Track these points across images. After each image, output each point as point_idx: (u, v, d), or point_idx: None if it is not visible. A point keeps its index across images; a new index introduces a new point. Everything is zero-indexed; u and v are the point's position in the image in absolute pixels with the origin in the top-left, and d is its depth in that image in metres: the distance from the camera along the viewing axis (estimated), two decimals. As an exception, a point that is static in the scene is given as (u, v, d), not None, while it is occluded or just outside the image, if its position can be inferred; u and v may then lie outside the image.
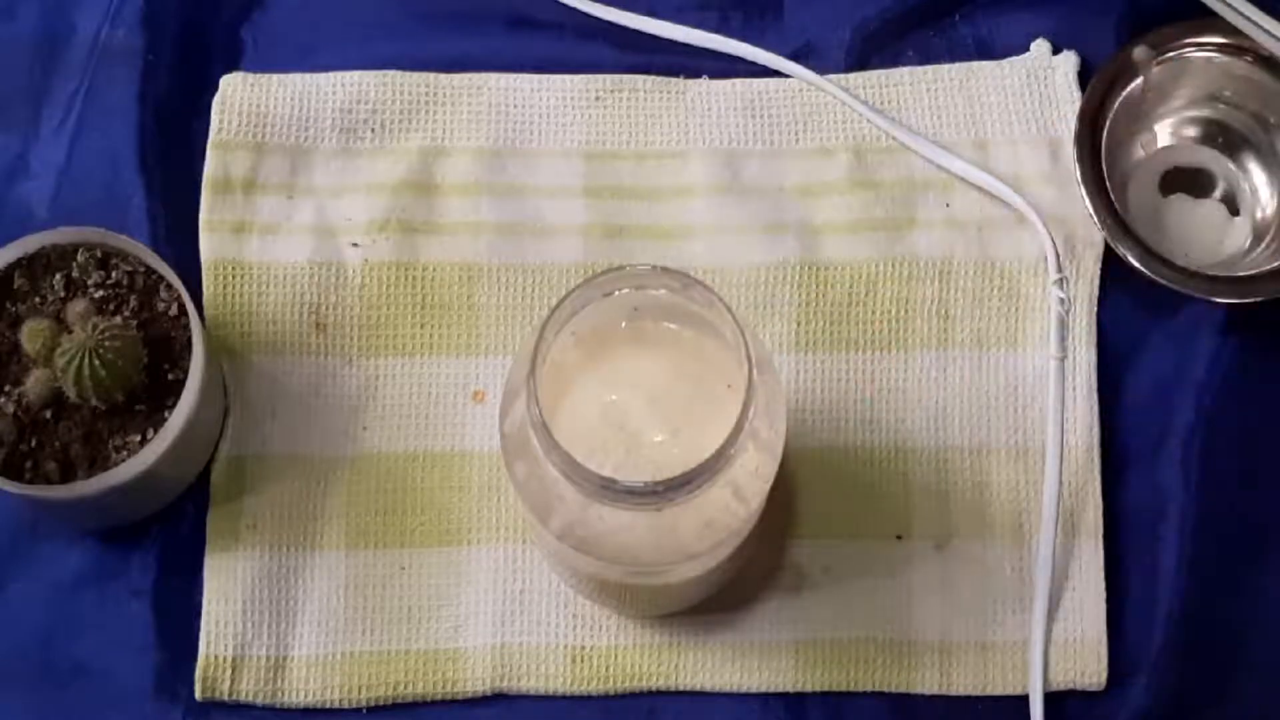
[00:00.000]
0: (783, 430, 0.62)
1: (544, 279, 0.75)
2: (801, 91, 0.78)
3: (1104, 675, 0.71)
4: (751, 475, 0.61)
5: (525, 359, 0.59)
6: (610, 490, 0.58)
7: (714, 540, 0.62)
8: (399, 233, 0.75)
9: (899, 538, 0.72)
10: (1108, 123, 0.75)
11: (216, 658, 0.70)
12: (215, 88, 0.77)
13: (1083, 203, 0.74)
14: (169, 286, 0.70)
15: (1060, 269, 0.73)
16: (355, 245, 0.75)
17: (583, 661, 0.71)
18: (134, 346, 0.67)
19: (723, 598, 0.71)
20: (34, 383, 0.68)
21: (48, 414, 0.68)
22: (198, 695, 0.70)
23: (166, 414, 0.67)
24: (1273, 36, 0.74)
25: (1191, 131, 0.78)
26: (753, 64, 0.78)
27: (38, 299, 0.69)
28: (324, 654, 0.71)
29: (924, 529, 0.72)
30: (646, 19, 0.79)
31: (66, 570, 0.72)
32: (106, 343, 0.66)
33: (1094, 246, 0.75)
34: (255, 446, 0.73)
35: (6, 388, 0.68)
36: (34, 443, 0.68)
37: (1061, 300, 0.72)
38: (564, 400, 0.62)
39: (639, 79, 0.78)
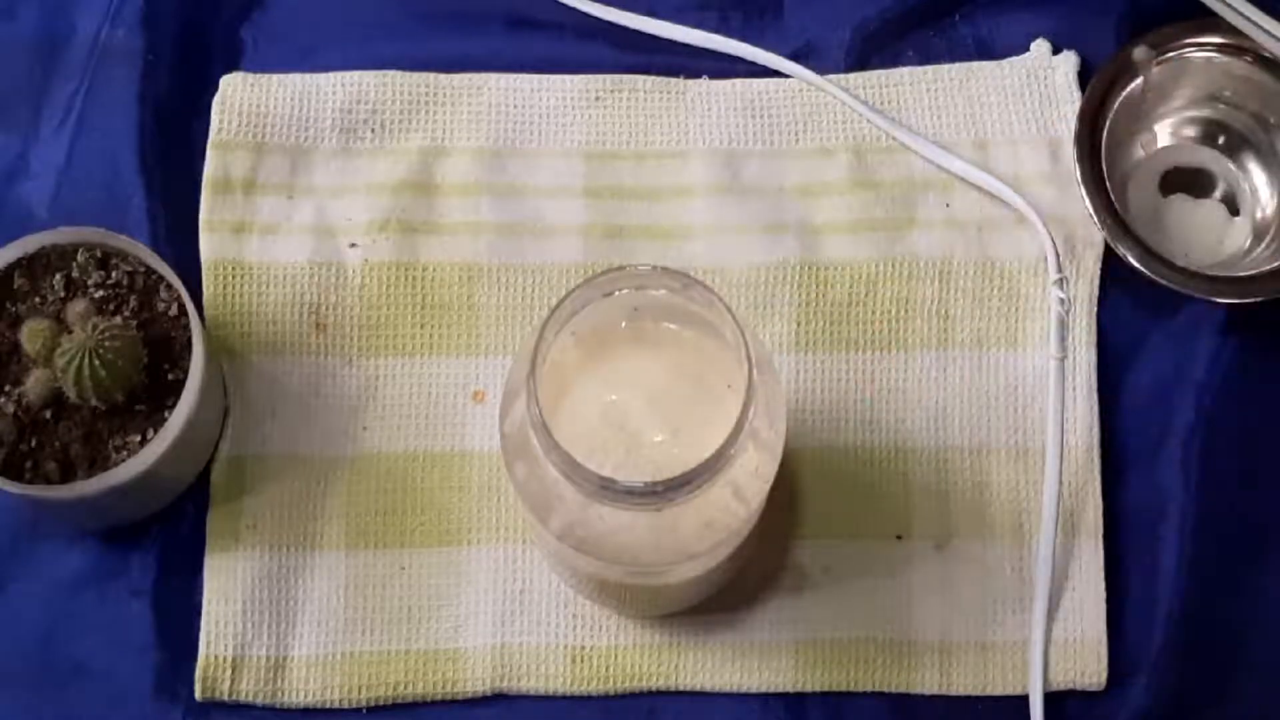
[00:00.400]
0: (783, 430, 0.62)
1: (544, 279, 0.75)
2: (801, 91, 0.78)
3: (1104, 675, 0.71)
4: (751, 475, 0.61)
5: (525, 359, 0.59)
6: (610, 490, 0.58)
7: (714, 540, 0.62)
8: (399, 233, 0.75)
9: (899, 538, 0.72)
10: (1108, 123, 0.75)
11: (216, 658, 0.70)
12: (215, 88, 0.77)
13: (1083, 203, 0.74)
14: (169, 286, 0.70)
15: (1060, 269, 0.73)
16: (355, 245, 0.75)
17: (583, 661, 0.71)
18: (134, 346, 0.67)
19: (723, 598, 0.71)
20: (34, 383, 0.68)
21: (48, 414, 0.68)
22: (198, 695, 0.70)
23: (166, 414, 0.67)
24: (1273, 36, 0.74)
25: (1191, 131, 0.78)
26: (753, 64, 0.78)
27: (38, 299, 0.69)
28: (324, 654, 0.71)
29: (924, 529, 0.72)
30: (646, 19, 0.79)
31: (66, 570, 0.72)
32: (106, 343, 0.66)
33: (1094, 246, 0.75)
34: (255, 446, 0.73)
35: (6, 388, 0.68)
36: (34, 443, 0.68)
37: (1061, 300, 0.72)
38: (564, 400, 0.62)
39: (639, 79, 0.78)
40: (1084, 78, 0.77)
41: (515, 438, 0.61)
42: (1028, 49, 0.78)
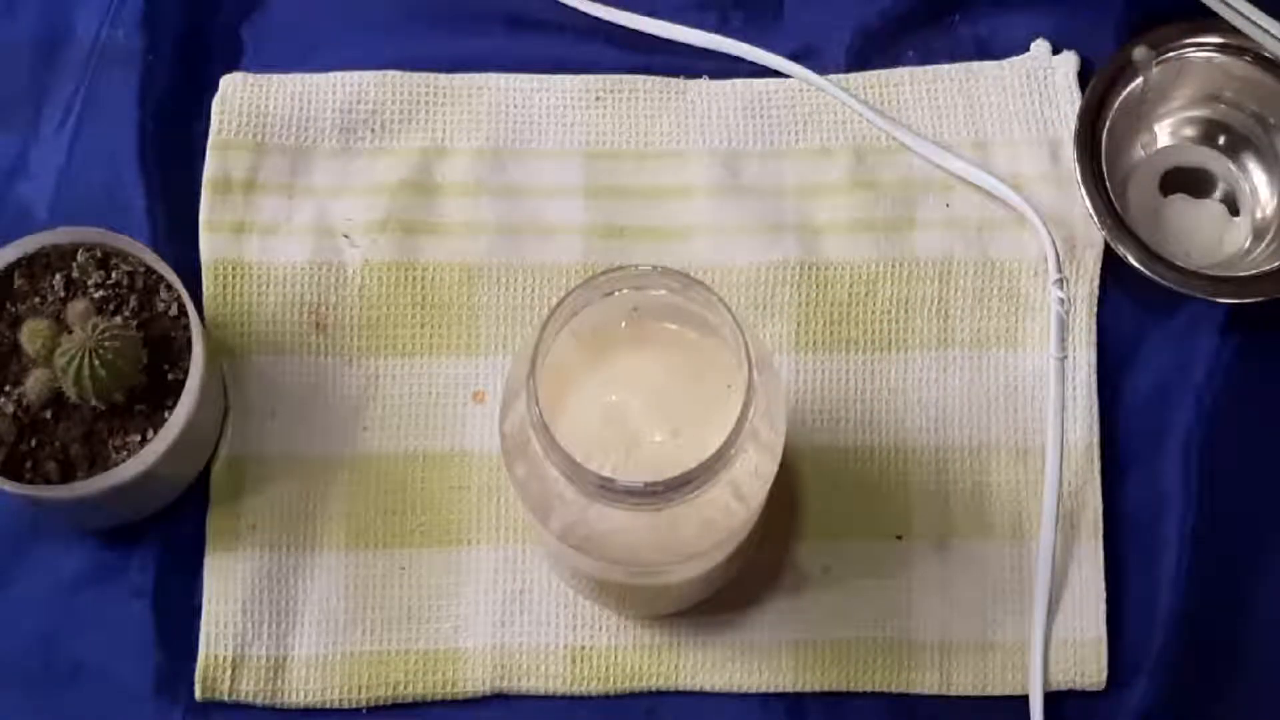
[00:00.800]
0: (783, 430, 0.62)
1: (544, 279, 0.75)
2: (801, 91, 0.78)
3: (1104, 675, 0.71)
4: (751, 475, 0.61)
5: (525, 359, 0.59)
6: (609, 490, 0.58)
7: (714, 540, 0.62)
8: (399, 233, 0.75)
9: (899, 538, 0.72)
10: (1108, 123, 0.75)
11: (216, 658, 0.70)
12: (215, 88, 0.77)
13: (1083, 203, 0.74)
14: (169, 286, 0.70)
15: (1060, 269, 0.73)
16: (355, 245, 0.75)
17: (582, 661, 0.71)
18: (134, 346, 0.67)
19: (723, 598, 0.71)
20: (34, 383, 0.68)
21: (48, 414, 0.68)
22: (198, 695, 0.70)
23: (166, 414, 0.67)
24: (1272, 36, 0.74)
25: (1191, 131, 0.78)
26: (753, 64, 0.78)
27: (38, 299, 0.69)
28: (324, 654, 0.71)
29: (924, 529, 0.72)
30: (646, 19, 0.79)
31: (66, 570, 0.72)
32: (106, 343, 0.66)
33: (1094, 246, 0.75)
34: (255, 447, 0.73)
35: (6, 388, 0.68)
36: (34, 443, 0.68)
37: (1061, 300, 0.72)
38: (564, 400, 0.62)
39: (639, 79, 0.78)
40: (1084, 78, 0.77)
41: (515, 438, 0.61)
42: (1028, 49, 0.78)
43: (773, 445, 0.62)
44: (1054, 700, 0.71)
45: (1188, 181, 0.77)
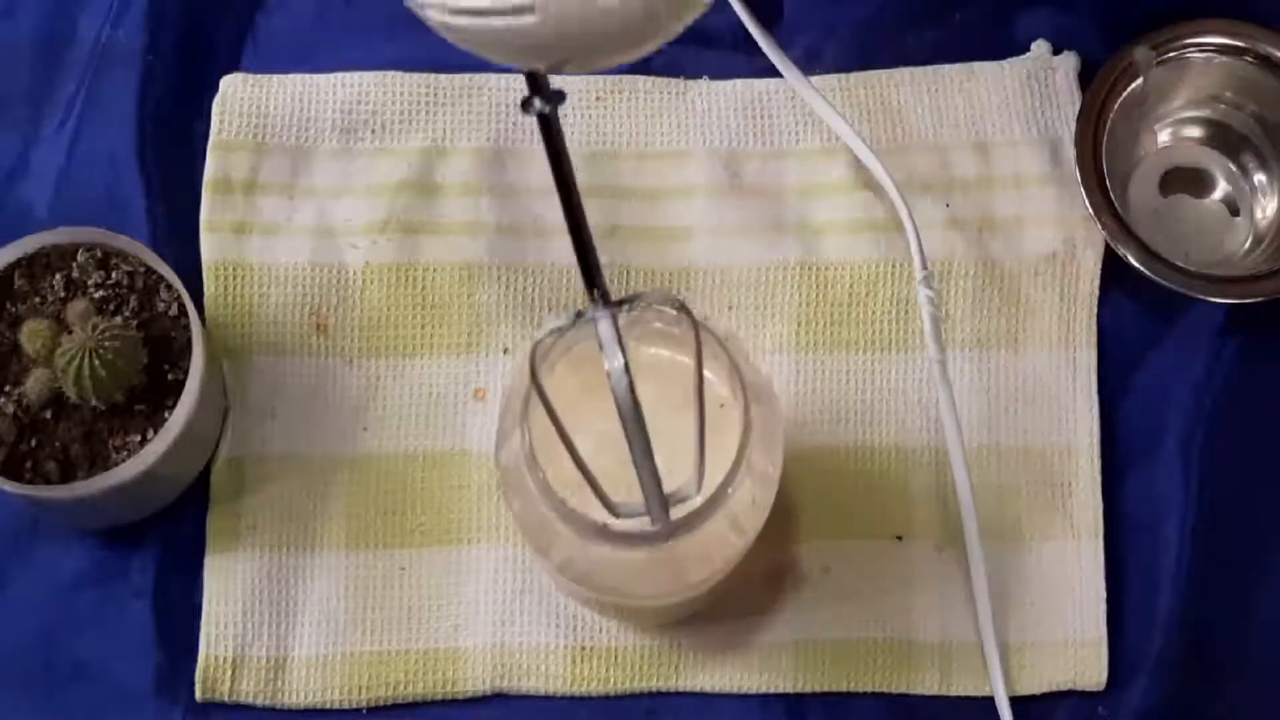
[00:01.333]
0: (779, 460, 0.62)
1: (544, 279, 0.75)
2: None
3: (1104, 675, 0.71)
4: (749, 506, 0.61)
5: (519, 398, 0.59)
6: (604, 535, 0.58)
7: (712, 569, 0.62)
8: (399, 233, 0.75)
9: (899, 538, 0.72)
10: (1108, 123, 0.75)
11: (216, 658, 0.70)
12: (215, 88, 0.77)
13: (1083, 203, 0.74)
14: (169, 286, 0.70)
15: (925, 265, 0.72)
16: (356, 246, 0.75)
17: (583, 662, 0.71)
18: (134, 346, 0.67)
19: (723, 599, 0.71)
20: (34, 383, 0.68)
21: (48, 414, 0.68)
22: (198, 696, 0.70)
23: (166, 414, 0.67)
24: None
25: (1191, 131, 0.78)
26: (753, 64, 0.78)
27: (38, 299, 0.69)
28: (324, 654, 0.71)
29: (924, 529, 0.72)
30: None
31: (66, 570, 0.72)
32: (106, 343, 0.66)
33: (1094, 246, 0.75)
34: (255, 447, 0.73)
35: (6, 388, 0.68)
36: (34, 443, 0.68)
37: (930, 299, 0.72)
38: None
39: (639, 79, 0.78)
40: (1084, 78, 0.77)
41: (512, 473, 0.61)
42: (1028, 49, 0.78)
43: (770, 476, 0.61)
44: (1054, 700, 0.71)
45: (1188, 181, 0.77)
